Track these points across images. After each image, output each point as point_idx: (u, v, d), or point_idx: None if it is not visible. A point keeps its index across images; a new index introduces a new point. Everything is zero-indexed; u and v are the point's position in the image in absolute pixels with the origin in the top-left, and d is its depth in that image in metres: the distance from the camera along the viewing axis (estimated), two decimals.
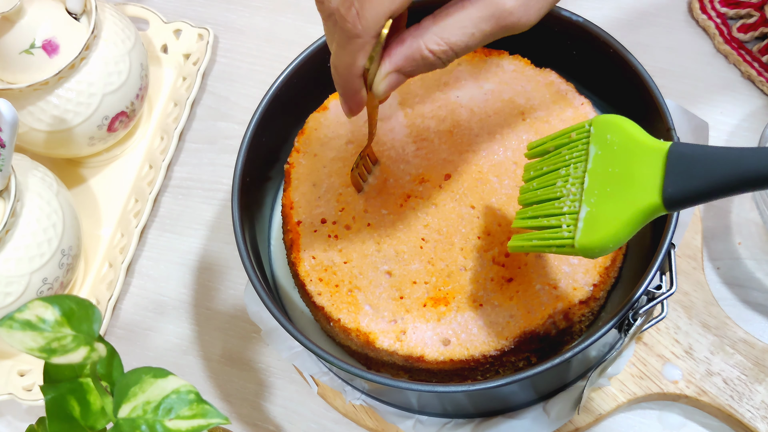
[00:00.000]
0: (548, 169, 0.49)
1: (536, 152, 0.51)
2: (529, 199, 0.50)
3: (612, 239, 0.44)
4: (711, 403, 0.61)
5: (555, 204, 0.47)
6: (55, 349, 0.39)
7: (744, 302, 0.67)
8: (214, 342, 0.73)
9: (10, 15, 0.67)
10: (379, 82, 0.46)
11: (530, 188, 0.50)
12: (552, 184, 0.48)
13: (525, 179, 0.51)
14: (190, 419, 0.42)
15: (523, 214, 0.50)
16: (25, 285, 0.66)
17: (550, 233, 0.47)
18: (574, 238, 0.45)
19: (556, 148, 0.49)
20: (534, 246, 0.48)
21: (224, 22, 0.88)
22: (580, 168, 0.47)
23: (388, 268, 0.58)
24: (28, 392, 0.71)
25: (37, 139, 0.74)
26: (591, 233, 0.44)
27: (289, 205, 0.61)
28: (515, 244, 0.50)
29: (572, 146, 0.48)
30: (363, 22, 0.43)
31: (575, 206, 0.46)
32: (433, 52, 0.45)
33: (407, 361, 0.55)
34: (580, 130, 0.48)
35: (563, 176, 0.48)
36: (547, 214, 0.48)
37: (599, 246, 0.44)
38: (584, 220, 0.45)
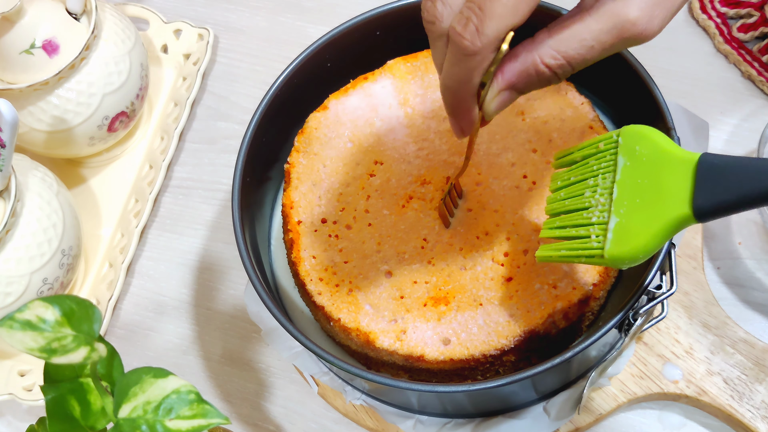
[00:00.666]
0: (576, 179, 0.49)
1: (563, 162, 0.51)
2: (556, 209, 0.50)
3: (642, 250, 0.44)
4: (711, 402, 0.61)
5: (583, 214, 0.47)
6: (55, 349, 0.39)
7: (744, 302, 0.67)
8: (215, 342, 0.73)
9: (10, 15, 0.67)
10: (491, 101, 0.44)
11: (558, 198, 0.50)
12: (580, 194, 0.48)
13: (552, 189, 0.51)
14: (190, 419, 0.42)
15: (551, 224, 0.50)
16: (25, 285, 0.66)
17: (579, 243, 0.47)
18: (603, 248, 0.45)
19: (583, 158, 0.49)
20: (562, 256, 0.48)
21: (224, 22, 0.88)
22: (608, 178, 0.47)
23: (388, 268, 0.58)
24: (29, 392, 0.71)
25: (37, 139, 0.74)
26: (621, 244, 0.44)
27: (290, 205, 0.61)
28: (543, 254, 0.50)
29: (600, 157, 0.48)
30: (482, 38, 0.41)
31: (604, 217, 0.46)
32: (549, 67, 0.43)
33: (407, 360, 0.56)
34: (607, 140, 0.48)
35: (591, 186, 0.47)
36: (575, 224, 0.48)
37: (629, 257, 0.44)
38: (614, 230, 0.45)
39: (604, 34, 0.42)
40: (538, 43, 0.43)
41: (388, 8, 0.65)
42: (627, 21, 0.41)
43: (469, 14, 0.41)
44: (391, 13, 0.65)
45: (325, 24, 0.84)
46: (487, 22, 0.41)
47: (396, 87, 0.65)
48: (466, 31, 0.41)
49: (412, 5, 0.65)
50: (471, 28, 0.41)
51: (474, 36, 0.41)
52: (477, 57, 0.42)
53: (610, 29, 0.42)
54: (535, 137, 0.61)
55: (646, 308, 0.53)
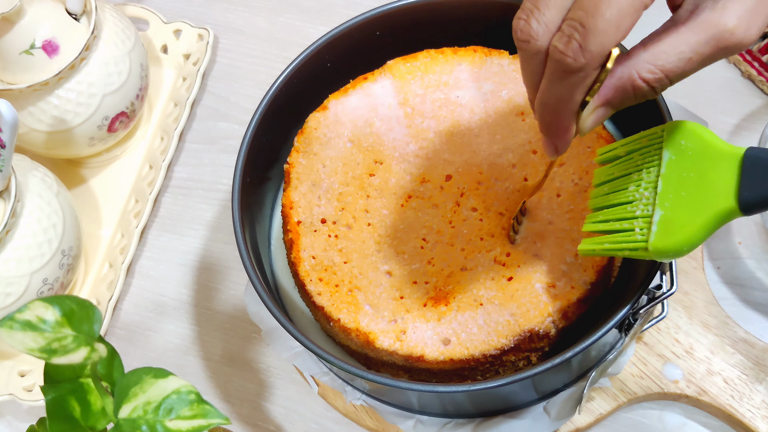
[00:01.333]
0: (619, 174, 0.50)
1: (606, 158, 0.51)
2: (599, 203, 0.50)
3: (687, 242, 0.44)
4: (711, 402, 0.61)
5: (627, 208, 0.48)
6: (55, 350, 0.39)
7: (744, 302, 0.67)
8: (215, 342, 0.73)
9: (10, 15, 0.67)
10: (587, 117, 0.44)
11: (601, 193, 0.51)
12: (624, 188, 0.49)
13: (595, 184, 0.52)
14: (190, 419, 0.42)
15: (594, 218, 0.50)
16: (25, 285, 0.66)
17: (623, 237, 0.47)
18: (647, 241, 0.46)
19: (627, 153, 0.50)
20: (605, 249, 0.49)
21: (224, 23, 0.88)
22: (653, 173, 0.47)
23: (388, 268, 0.58)
24: (29, 393, 0.71)
25: (37, 140, 0.74)
26: (665, 236, 0.45)
27: (289, 205, 0.61)
28: (586, 248, 0.50)
29: (645, 151, 0.48)
30: (586, 55, 0.40)
31: (648, 210, 0.46)
32: (646, 81, 0.42)
33: (407, 360, 0.55)
34: (652, 135, 0.48)
35: (635, 181, 0.48)
36: (619, 217, 0.48)
37: (674, 249, 0.45)
38: (658, 223, 0.45)
39: (702, 45, 0.41)
40: (634, 58, 0.42)
41: (388, 8, 0.65)
42: (726, 31, 0.41)
43: (571, 32, 0.40)
44: (391, 13, 0.65)
45: (325, 24, 0.84)
46: (591, 39, 0.40)
47: (396, 87, 0.65)
48: (569, 49, 0.40)
49: (412, 5, 0.65)
50: (574, 46, 0.40)
51: (578, 53, 0.40)
52: (580, 74, 0.41)
53: (708, 40, 0.41)
54: (535, 138, 0.61)
55: (646, 308, 0.53)
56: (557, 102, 0.43)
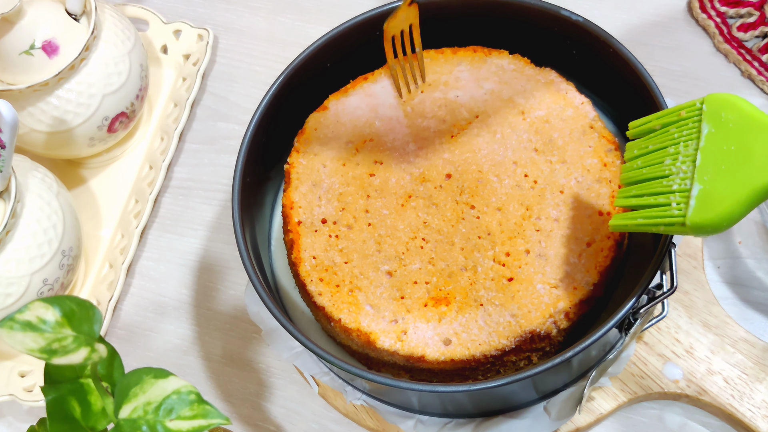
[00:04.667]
0: (654, 148, 0.48)
1: (640, 131, 0.50)
2: (632, 177, 0.49)
3: (727, 217, 0.43)
4: (712, 402, 0.61)
5: (663, 182, 0.46)
6: (55, 350, 0.39)
7: (744, 301, 0.67)
8: (215, 342, 0.73)
9: (10, 16, 0.67)
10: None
11: (634, 167, 0.49)
12: (659, 162, 0.47)
13: (627, 158, 0.50)
14: (190, 420, 0.42)
15: (627, 192, 0.49)
16: (25, 286, 0.66)
17: (658, 212, 0.46)
18: (685, 215, 0.44)
19: (663, 126, 0.48)
20: (639, 224, 0.47)
21: (224, 23, 0.88)
22: (691, 146, 0.46)
23: (388, 268, 0.58)
24: (29, 393, 0.71)
25: (37, 140, 0.74)
26: (704, 211, 0.44)
27: (290, 205, 0.61)
28: (618, 223, 0.49)
29: (682, 124, 0.47)
30: None
31: (686, 184, 0.45)
32: None
33: (408, 361, 0.55)
34: (690, 108, 0.47)
35: (672, 154, 0.47)
36: (654, 192, 0.47)
37: (713, 223, 0.44)
38: (697, 197, 0.44)
39: None
40: None
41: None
42: None
43: None
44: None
45: (325, 24, 0.84)
46: None
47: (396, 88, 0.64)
48: None
49: None
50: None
51: None
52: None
53: None
54: (535, 137, 0.61)
55: (647, 308, 0.53)
56: None
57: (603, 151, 0.60)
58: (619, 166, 0.59)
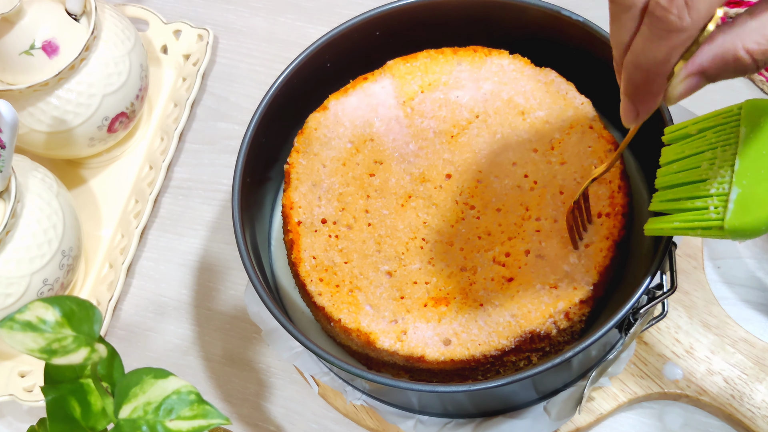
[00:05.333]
0: (690, 153, 0.48)
1: (676, 136, 0.50)
2: (669, 181, 0.49)
3: (766, 220, 0.43)
4: (712, 402, 0.61)
5: (700, 186, 0.46)
6: (55, 350, 0.39)
7: (744, 301, 0.67)
8: (215, 342, 0.73)
9: (10, 16, 0.67)
10: (677, 85, 0.41)
11: (670, 171, 0.49)
12: (696, 166, 0.47)
13: (663, 163, 0.50)
14: (190, 420, 0.42)
15: (663, 197, 0.49)
16: (25, 286, 0.66)
17: (695, 215, 0.46)
18: (723, 219, 0.44)
19: (699, 131, 0.48)
20: (675, 228, 0.47)
21: (224, 23, 0.88)
22: (729, 150, 0.46)
23: (388, 268, 0.58)
24: (29, 393, 0.71)
25: (37, 140, 0.74)
26: (743, 214, 0.44)
27: (290, 206, 0.61)
28: (654, 227, 0.49)
29: (719, 129, 0.47)
30: (692, 14, 0.37)
31: (724, 188, 0.45)
32: (751, 53, 0.39)
33: (408, 361, 0.56)
34: (727, 113, 0.47)
35: (709, 159, 0.46)
36: (691, 196, 0.47)
37: (752, 227, 0.43)
38: (735, 201, 0.44)
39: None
40: (740, 26, 0.39)
41: (388, 8, 0.65)
42: None
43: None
44: (391, 13, 0.65)
45: (325, 24, 0.84)
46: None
47: (396, 87, 0.65)
48: (674, 5, 0.37)
49: (412, 5, 0.65)
50: (679, 2, 0.37)
51: (682, 11, 0.37)
52: (682, 35, 0.38)
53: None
54: (536, 137, 0.61)
55: (647, 308, 0.53)
56: (651, 64, 0.40)
57: (603, 152, 0.60)
58: (618, 167, 0.59)
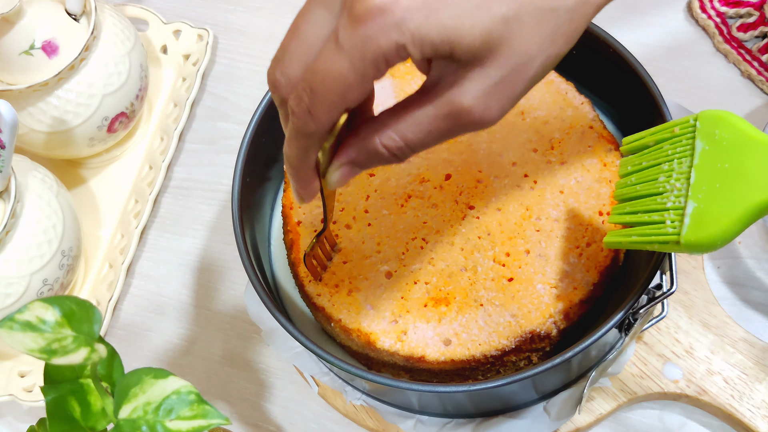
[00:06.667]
0: (648, 164, 0.48)
1: (633, 147, 0.50)
2: (626, 194, 0.49)
3: (721, 236, 0.43)
4: (711, 402, 0.61)
5: (657, 199, 0.46)
6: (55, 350, 0.39)
7: (744, 301, 0.67)
8: (215, 342, 0.73)
9: (10, 16, 0.67)
10: (332, 173, 0.44)
11: (628, 183, 0.49)
12: (653, 179, 0.47)
13: (621, 174, 0.50)
14: (190, 420, 0.42)
15: (621, 209, 0.49)
16: (25, 286, 0.66)
17: (652, 229, 0.46)
18: (679, 234, 0.44)
19: (656, 142, 0.48)
20: (633, 242, 0.47)
21: (224, 23, 0.88)
22: (685, 163, 0.46)
23: (388, 269, 0.58)
24: (29, 393, 0.71)
25: (36, 140, 0.74)
26: (699, 229, 0.44)
27: (289, 206, 0.61)
28: (612, 240, 0.49)
29: (675, 141, 0.47)
30: (314, 121, 0.41)
31: (680, 202, 0.45)
32: (387, 148, 0.42)
33: (408, 361, 0.55)
34: (684, 124, 0.47)
35: (666, 171, 0.46)
36: (648, 209, 0.47)
37: (707, 242, 0.43)
38: (691, 215, 0.44)
39: (441, 120, 0.41)
40: (380, 124, 0.43)
41: None
42: (462, 109, 0.41)
43: (301, 94, 0.41)
44: None
45: None
46: (319, 106, 0.40)
47: (395, 87, 0.64)
48: (299, 109, 0.41)
49: None
50: (303, 108, 0.41)
51: (306, 117, 0.41)
52: (311, 137, 0.42)
53: (446, 116, 0.41)
54: (535, 137, 0.61)
55: (646, 308, 0.53)
56: (292, 159, 0.44)
57: (603, 151, 0.60)
58: (618, 166, 0.59)
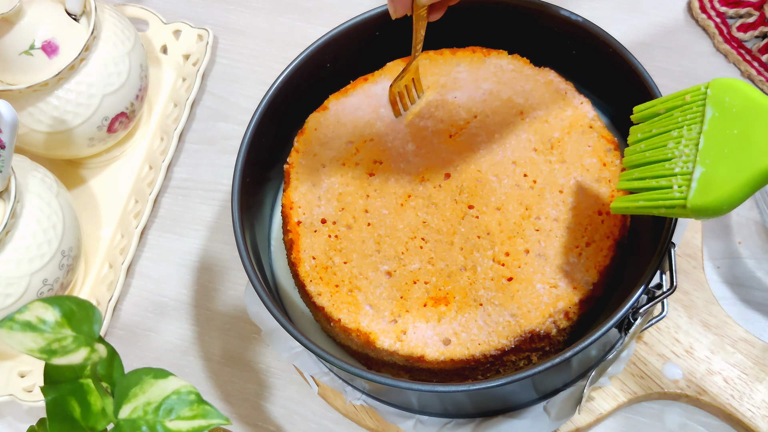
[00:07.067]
0: (658, 131, 0.49)
1: (644, 115, 0.50)
2: (636, 160, 0.49)
3: (727, 200, 0.44)
4: (711, 402, 0.61)
5: (665, 165, 0.47)
6: (55, 350, 0.39)
7: (744, 301, 0.67)
8: (215, 342, 0.73)
9: (10, 16, 0.67)
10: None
11: (637, 150, 0.50)
12: (662, 145, 0.48)
13: (631, 142, 0.51)
14: (190, 420, 0.42)
15: (629, 175, 0.50)
16: (25, 286, 0.66)
17: (659, 194, 0.47)
18: (686, 198, 0.45)
19: (667, 110, 0.49)
20: (640, 207, 0.48)
21: (224, 23, 0.88)
22: (694, 129, 0.46)
23: (388, 268, 0.58)
24: (29, 393, 0.71)
25: (36, 140, 0.74)
26: (705, 193, 0.44)
27: (289, 206, 0.61)
28: (619, 205, 0.49)
29: (686, 108, 0.47)
30: None
31: (688, 167, 0.45)
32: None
33: (408, 361, 0.56)
34: (695, 92, 0.47)
35: (675, 138, 0.47)
36: (656, 175, 0.47)
37: (713, 206, 0.44)
38: (698, 180, 0.45)
39: None
40: None
41: (387, 9, 0.65)
42: None
43: None
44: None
45: (325, 24, 0.84)
46: None
47: None
48: None
49: None
50: None
51: None
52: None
53: None
54: (535, 137, 0.61)
55: (646, 307, 0.53)
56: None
57: (602, 151, 0.60)
58: (618, 166, 0.59)
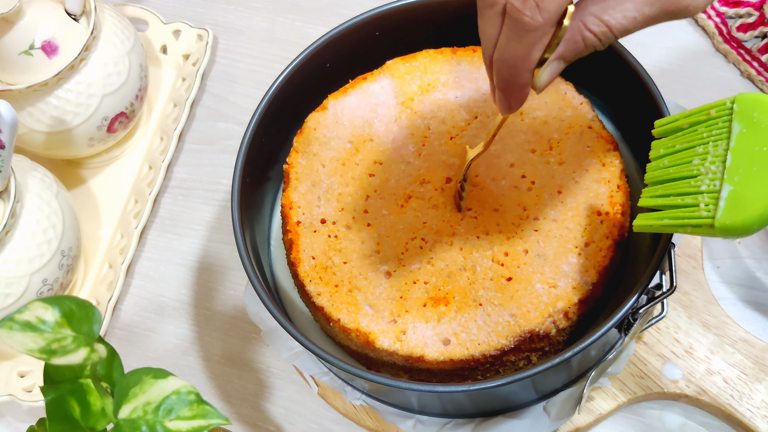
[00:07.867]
0: (682, 147, 0.47)
1: (667, 129, 0.49)
2: (658, 177, 0.48)
3: (758, 219, 0.42)
4: (711, 402, 0.61)
5: (691, 182, 0.46)
6: (55, 350, 0.39)
7: (744, 301, 0.67)
8: (214, 342, 0.73)
9: (10, 16, 0.67)
10: (541, 73, 0.44)
11: (660, 166, 0.48)
12: (687, 162, 0.46)
13: (653, 157, 0.49)
14: (190, 420, 0.42)
15: (652, 192, 0.48)
16: (24, 286, 0.66)
17: (685, 212, 0.45)
18: (713, 217, 0.43)
19: (691, 125, 0.47)
20: (665, 225, 0.46)
21: (223, 23, 0.88)
22: (720, 146, 0.45)
23: (387, 269, 0.58)
24: (29, 393, 0.71)
25: (36, 140, 0.74)
26: (734, 212, 0.43)
27: (289, 206, 0.61)
28: (642, 223, 0.48)
29: (711, 124, 0.46)
30: (543, 14, 0.40)
31: (715, 185, 0.44)
32: (594, 34, 0.43)
33: (407, 361, 0.56)
34: (720, 107, 0.46)
35: (701, 154, 0.46)
36: (681, 192, 0.46)
37: (743, 226, 0.43)
38: (726, 199, 0.43)
39: (647, 6, 0.42)
40: (582, 10, 0.43)
41: (387, 8, 0.65)
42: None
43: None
44: (390, 14, 0.65)
45: (325, 24, 0.84)
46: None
47: (395, 87, 0.65)
48: (526, 7, 0.40)
49: (411, 5, 0.65)
50: (531, 3, 0.40)
51: (534, 11, 0.40)
52: (537, 33, 0.41)
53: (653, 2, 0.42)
54: (534, 137, 0.61)
55: (646, 308, 0.53)
56: (515, 59, 0.43)
57: (601, 152, 0.60)
58: (617, 166, 0.59)
